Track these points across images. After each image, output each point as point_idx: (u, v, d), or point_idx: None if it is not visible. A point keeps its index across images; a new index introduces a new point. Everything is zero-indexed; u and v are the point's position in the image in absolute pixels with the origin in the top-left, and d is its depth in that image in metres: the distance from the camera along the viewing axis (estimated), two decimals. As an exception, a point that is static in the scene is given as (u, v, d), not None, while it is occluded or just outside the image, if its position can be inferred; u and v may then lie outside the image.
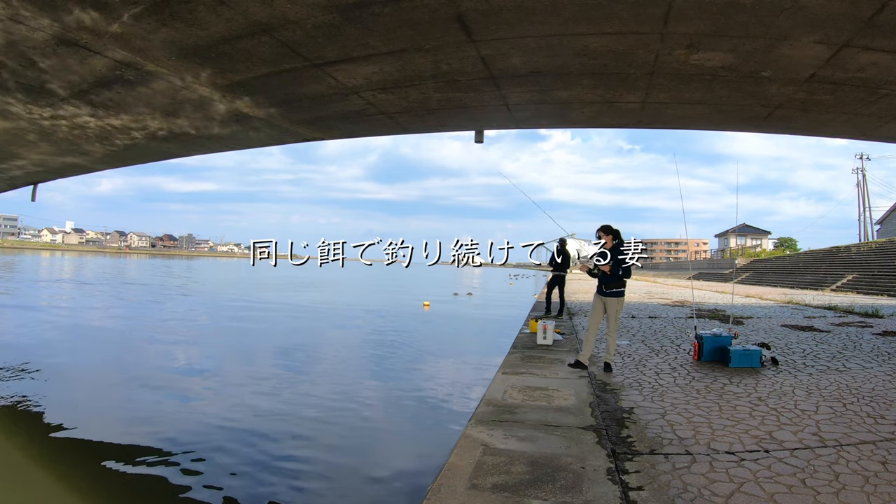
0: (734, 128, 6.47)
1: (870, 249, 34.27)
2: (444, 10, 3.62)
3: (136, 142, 7.61)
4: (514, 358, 6.32)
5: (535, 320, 8.25)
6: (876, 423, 3.82)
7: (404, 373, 10.75)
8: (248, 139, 7.55)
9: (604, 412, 4.10)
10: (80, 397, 8.06)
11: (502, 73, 4.76)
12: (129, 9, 3.67)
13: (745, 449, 3.30)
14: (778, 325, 9.85)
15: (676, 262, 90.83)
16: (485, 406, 4.21)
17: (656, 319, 10.94)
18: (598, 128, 6.68)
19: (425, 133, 7.19)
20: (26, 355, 10.47)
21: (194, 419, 7.04)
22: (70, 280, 35.24)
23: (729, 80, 4.69)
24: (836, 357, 6.48)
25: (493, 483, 2.75)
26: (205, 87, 5.23)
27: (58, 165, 9.68)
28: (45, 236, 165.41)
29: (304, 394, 8.57)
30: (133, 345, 12.63)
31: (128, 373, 9.61)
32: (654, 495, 2.64)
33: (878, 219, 50.01)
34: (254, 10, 3.66)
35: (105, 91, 5.40)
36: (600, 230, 5.62)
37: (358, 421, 7.23)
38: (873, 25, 3.52)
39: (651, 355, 6.54)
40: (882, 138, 6.42)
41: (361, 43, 4.16)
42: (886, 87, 4.61)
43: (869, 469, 2.97)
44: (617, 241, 5.58)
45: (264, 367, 10.85)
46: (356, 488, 5.14)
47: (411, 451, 6.27)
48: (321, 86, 5.16)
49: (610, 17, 3.67)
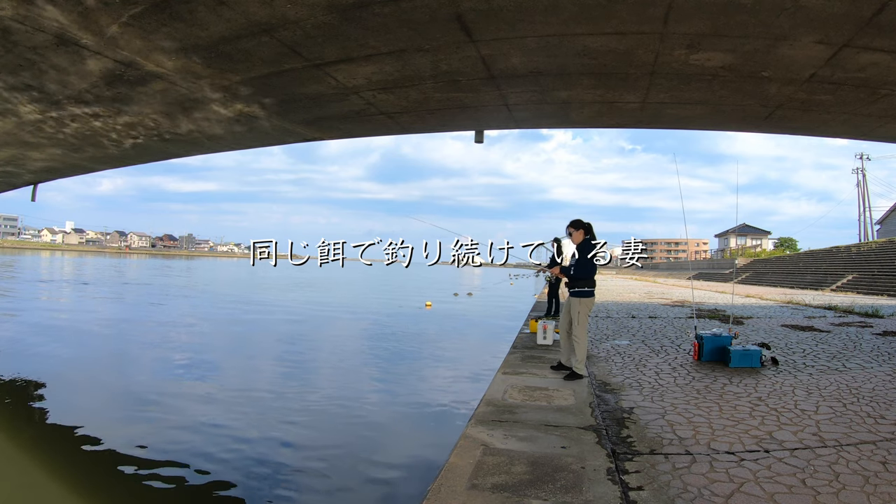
0: (734, 128, 6.47)
1: (870, 249, 34.28)
2: (443, 10, 3.62)
3: (136, 142, 7.61)
4: (514, 358, 6.32)
5: (535, 320, 8.26)
6: (876, 423, 3.82)
7: (404, 373, 10.75)
8: (248, 139, 7.56)
9: (604, 412, 4.10)
10: (82, 398, 8.06)
11: (502, 73, 4.76)
12: (129, 9, 3.67)
13: (745, 449, 3.30)
14: (778, 325, 9.85)
15: (676, 262, 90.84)
16: (485, 406, 4.21)
17: (656, 319, 10.94)
18: (598, 128, 6.68)
19: (425, 133, 7.19)
20: (26, 355, 10.48)
21: (195, 419, 7.03)
22: (70, 280, 35.23)
23: (729, 80, 4.69)
24: (836, 357, 6.47)
25: (494, 483, 2.75)
26: (205, 87, 5.23)
27: (58, 165, 9.68)
28: (45, 236, 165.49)
29: (303, 394, 8.57)
30: (133, 347, 12.63)
31: (127, 375, 9.61)
32: (654, 495, 2.64)
33: (878, 219, 50.04)
34: (254, 10, 3.66)
35: (105, 91, 5.40)
36: (570, 225, 5.32)
37: (357, 421, 7.23)
38: (873, 25, 3.52)
39: (651, 355, 6.54)
40: (882, 138, 6.42)
41: (361, 43, 4.16)
42: (886, 87, 4.61)
43: (869, 469, 2.96)
44: (588, 236, 5.26)
45: (263, 366, 10.85)
46: (356, 488, 5.14)
47: (411, 451, 6.27)
48: (321, 86, 5.16)
49: (610, 17, 3.67)
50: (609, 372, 5.57)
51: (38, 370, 9.29)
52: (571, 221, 5.31)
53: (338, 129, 6.99)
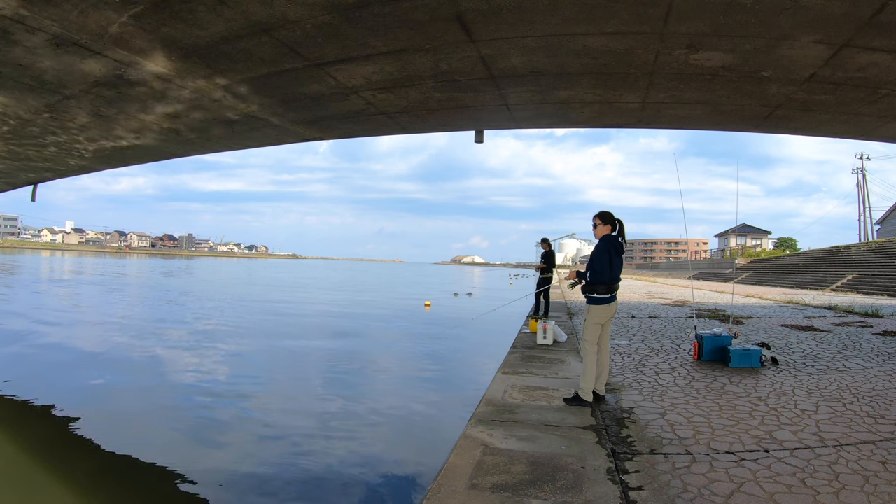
0: (734, 128, 6.47)
1: (870, 249, 34.27)
2: (443, 10, 3.63)
3: (136, 142, 7.62)
4: (514, 358, 6.32)
5: (534, 320, 8.26)
6: (876, 423, 3.82)
7: (404, 373, 10.75)
8: (248, 139, 7.56)
9: (604, 412, 4.10)
10: (85, 401, 8.06)
11: (502, 73, 4.76)
12: (129, 9, 3.67)
13: (745, 449, 3.30)
14: (778, 325, 9.85)
15: (676, 261, 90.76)
16: (485, 406, 4.22)
17: (656, 319, 10.94)
18: (598, 127, 6.68)
19: (425, 133, 7.19)
20: (26, 358, 10.48)
21: (195, 419, 7.03)
22: (67, 280, 35.25)
23: (729, 80, 4.70)
24: (835, 357, 6.47)
25: (494, 483, 2.75)
26: (205, 87, 5.23)
27: (58, 165, 9.68)
28: (45, 236, 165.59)
29: (301, 393, 8.57)
30: (136, 349, 12.63)
31: (128, 377, 9.61)
32: (654, 495, 2.64)
33: (878, 219, 50.03)
34: (254, 10, 3.66)
35: (105, 91, 5.40)
36: (596, 216, 4.50)
37: (357, 421, 7.23)
38: (873, 25, 3.52)
39: (651, 355, 6.54)
40: (882, 138, 6.42)
41: (361, 43, 4.16)
42: (886, 87, 4.61)
43: (869, 469, 2.97)
44: (616, 233, 4.45)
45: (263, 366, 10.84)
46: (356, 488, 5.13)
47: (411, 451, 6.26)
48: (321, 86, 5.17)
49: (610, 17, 3.67)
50: (609, 372, 5.57)
51: (40, 374, 9.29)
52: (600, 213, 4.50)
53: (338, 129, 6.99)
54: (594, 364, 4.31)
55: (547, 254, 10.27)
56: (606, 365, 4.52)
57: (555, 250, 10.84)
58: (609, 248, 4.33)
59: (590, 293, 4.36)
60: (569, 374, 5.41)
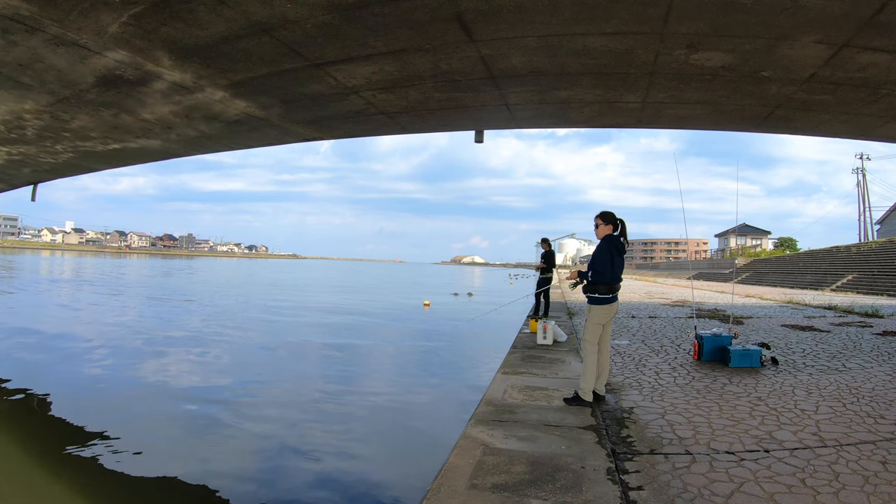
0: (734, 128, 6.48)
1: (870, 249, 34.26)
2: (443, 10, 3.63)
3: (136, 142, 7.62)
4: (514, 357, 6.32)
5: (534, 320, 8.25)
6: (876, 423, 3.82)
7: (404, 373, 10.75)
8: (248, 139, 7.56)
9: (604, 412, 4.10)
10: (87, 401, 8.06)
11: (502, 73, 4.76)
12: (129, 9, 3.67)
13: (745, 449, 3.30)
14: (778, 325, 9.84)
15: (676, 261, 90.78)
16: (485, 406, 4.22)
17: (656, 319, 10.94)
18: (598, 127, 6.68)
19: (425, 133, 7.20)
20: (25, 359, 10.48)
21: (195, 419, 7.03)
22: (69, 280, 35.25)
23: (729, 80, 4.70)
24: (835, 357, 6.47)
25: (494, 483, 2.75)
26: (205, 87, 5.23)
27: (58, 165, 9.68)
28: (45, 236, 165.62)
29: (301, 393, 8.57)
30: (128, 349, 12.63)
31: (128, 377, 9.61)
32: (654, 495, 2.64)
33: (878, 219, 50.03)
34: (254, 10, 3.66)
35: (105, 91, 5.40)
36: (598, 216, 4.50)
37: (357, 421, 7.23)
38: (873, 25, 3.52)
39: (651, 355, 6.54)
40: (882, 138, 6.43)
41: (361, 43, 4.16)
42: (886, 87, 4.61)
43: (869, 469, 2.97)
44: (617, 233, 4.44)
45: (262, 366, 10.84)
46: (356, 488, 5.13)
47: (411, 450, 6.27)
48: (321, 86, 5.17)
49: (610, 17, 3.67)
50: (609, 372, 5.56)
51: (39, 375, 9.29)
52: (601, 213, 4.49)
53: (338, 129, 6.99)
54: (594, 364, 4.31)
55: (547, 254, 10.28)
56: (607, 365, 4.53)
57: (555, 250, 10.85)
58: (610, 249, 4.32)
59: (591, 293, 4.36)
60: (569, 374, 5.41)
